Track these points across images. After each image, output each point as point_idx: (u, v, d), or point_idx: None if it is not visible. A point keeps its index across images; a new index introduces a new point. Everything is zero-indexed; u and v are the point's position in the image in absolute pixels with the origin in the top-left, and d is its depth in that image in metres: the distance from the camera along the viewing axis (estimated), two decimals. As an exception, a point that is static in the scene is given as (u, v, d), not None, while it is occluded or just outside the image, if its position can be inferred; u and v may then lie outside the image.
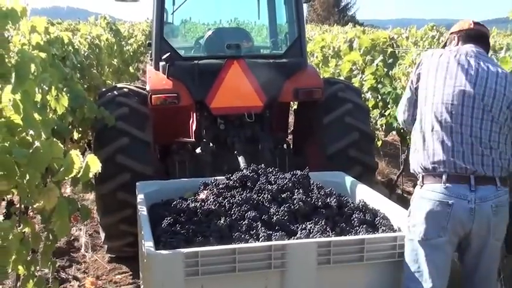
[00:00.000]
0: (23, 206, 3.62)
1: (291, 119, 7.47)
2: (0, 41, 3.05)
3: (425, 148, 3.47)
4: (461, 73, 3.47)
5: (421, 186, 3.48)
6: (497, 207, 3.38)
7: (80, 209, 4.00)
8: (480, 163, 3.36)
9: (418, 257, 3.43)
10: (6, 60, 3.13)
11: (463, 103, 3.41)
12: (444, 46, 3.93)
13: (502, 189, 3.42)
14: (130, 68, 16.57)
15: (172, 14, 7.16)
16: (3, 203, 4.17)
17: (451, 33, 3.87)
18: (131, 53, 18.83)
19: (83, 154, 5.61)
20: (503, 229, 3.52)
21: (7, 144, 2.97)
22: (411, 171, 3.67)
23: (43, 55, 4.00)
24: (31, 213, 4.33)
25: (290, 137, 7.21)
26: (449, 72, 3.50)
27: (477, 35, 3.74)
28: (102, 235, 5.78)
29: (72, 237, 6.51)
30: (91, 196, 7.11)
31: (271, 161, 5.73)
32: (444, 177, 3.36)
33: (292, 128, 7.21)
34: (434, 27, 18.61)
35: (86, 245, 6.33)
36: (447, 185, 3.35)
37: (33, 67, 3.27)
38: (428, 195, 3.41)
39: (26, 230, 3.45)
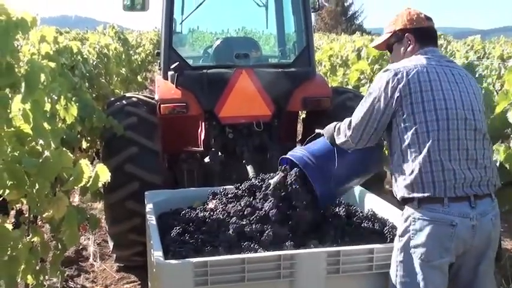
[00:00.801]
0: (32, 215, 3.64)
1: (299, 127, 7.46)
2: (10, 50, 3.06)
3: (424, 171, 3.22)
4: (447, 93, 3.28)
5: (418, 206, 3.25)
6: (495, 218, 3.31)
7: (89, 218, 4.02)
8: (478, 185, 3.23)
9: (418, 279, 3.25)
10: (16, 69, 3.15)
11: (457, 127, 3.23)
12: (389, 44, 3.68)
13: (495, 199, 3.35)
14: (138, 77, 16.61)
15: (181, 23, 7.18)
16: (12, 212, 4.19)
17: (401, 29, 3.55)
18: (139, 62, 18.88)
19: (91, 163, 5.61)
20: (497, 242, 3.41)
21: (17, 154, 2.98)
22: (398, 196, 3.39)
23: (52, 65, 4.02)
24: (40, 222, 4.35)
25: (298, 145, 7.20)
26: (435, 93, 3.26)
27: (433, 35, 3.57)
28: (111, 244, 5.77)
29: (81, 247, 6.51)
30: (99, 205, 7.11)
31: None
32: (445, 199, 3.18)
33: (300, 137, 7.20)
34: (442, 36, 18.63)
35: (94, 254, 6.33)
36: (449, 204, 3.18)
37: (42, 77, 3.29)
38: (428, 215, 3.22)
39: (35, 239, 3.46)
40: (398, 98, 3.29)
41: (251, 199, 4.18)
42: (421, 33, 3.51)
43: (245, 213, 4.01)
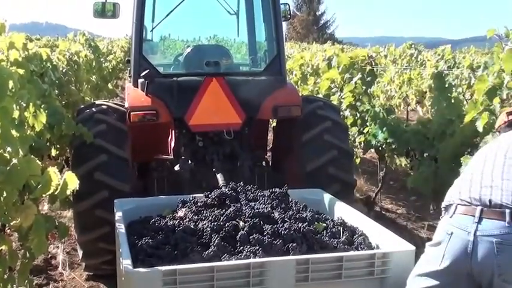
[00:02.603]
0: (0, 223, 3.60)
1: (270, 136, 7.48)
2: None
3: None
4: None
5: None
6: (501, 245, 2.97)
7: (58, 227, 3.99)
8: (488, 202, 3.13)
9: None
10: (-16, 76, 3.12)
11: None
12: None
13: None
14: (109, 84, 16.54)
15: (152, 31, 7.17)
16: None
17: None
18: (110, 70, 18.81)
19: (60, 171, 5.57)
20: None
21: (-16, 161, 2.96)
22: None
23: (21, 71, 3.99)
24: (8, 231, 4.30)
25: (269, 154, 7.22)
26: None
27: None
28: (80, 253, 5.73)
29: (50, 255, 6.44)
30: (69, 213, 7.06)
31: (250, 178, 5.73)
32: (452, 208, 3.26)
33: (271, 145, 7.22)
34: (413, 45, 18.83)
35: (63, 263, 6.26)
36: (453, 215, 3.18)
37: (11, 84, 3.26)
38: (440, 224, 3.31)
39: (3, 247, 3.43)
40: None
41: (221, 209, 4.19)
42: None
43: (215, 222, 4.01)
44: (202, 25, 8.64)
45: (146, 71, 5.71)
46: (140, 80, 5.77)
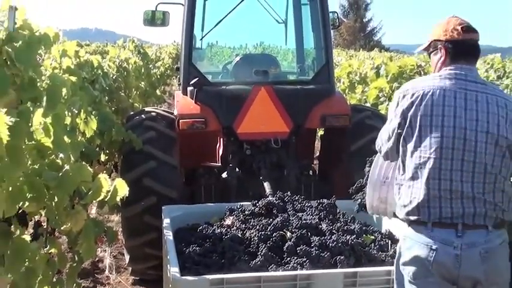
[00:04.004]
0: (50, 227, 3.65)
1: (317, 143, 7.45)
2: (33, 65, 3.09)
3: (414, 195, 3.14)
4: (459, 121, 3.09)
5: (408, 225, 3.21)
6: (488, 252, 3.02)
7: (106, 231, 4.02)
8: (470, 216, 3.05)
9: None
10: (38, 84, 3.18)
11: (453, 156, 3.07)
12: (428, 53, 3.42)
13: (494, 232, 3.07)
14: (157, 90, 16.68)
15: (201, 39, 7.23)
16: (31, 223, 4.20)
17: (436, 40, 3.30)
18: (158, 76, 18.96)
19: (109, 176, 5.63)
20: (503, 274, 3.14)
21: (37, 167, 3.00)
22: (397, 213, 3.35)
23: (73, 79, 4.05)
24: (57, 234, 4.36)
25: (316, 162, 7.19)
26: (445, 118, 3.09)
27: (469, 50, 3.24)
28: (127, 257, 5.79)
29: (97, 258, 6.51)
30: (117, 217, 7.13)
31: (297, 188, 5.72)
32: (429, 224, 3.09)
33: (318, 153, 7.19)
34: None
35: (110, 267, 6.33)
36: (432, 228, 3.07)
37: (64, 91, 3.32)
38: (414, 235, 3.14)
39: (53, 250, 3.47)
40: (402, 119, 3.20)
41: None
42: (453, 47, 3.22)
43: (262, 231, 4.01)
44: (249, 32, 8.68)
45: (195, 79, 5.75)
46: (189, 88, 5.81)
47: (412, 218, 3.13)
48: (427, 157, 3.09)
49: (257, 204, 4.44)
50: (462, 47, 3.21)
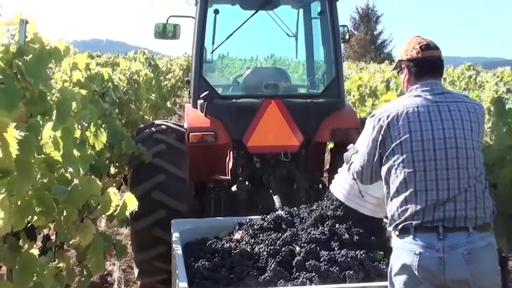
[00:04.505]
0: (58, 241, 3.65)
1: (327, 157, 7.42)
2: (43, 79, 3.10)
3: (397, 206, 3.25)
4: (437, 133, 3.23)
5: (396, 236, 3.28)
6: (471, 254, 3.08)
7: (116, 245, 4.02)
8: (450, 218, 3.15)
9: None
10: (48, 97, 3.19)
11: (436, 167, 3.19)
12: (397, 71, 3.59)
13: (476, 234, 3.14)
14: (168, 102, 16.71)
15: (212, 52, 7.23)
16: (39, 237, 4.20)
17: (400, 60, 3.50)
18: (169, 88, 19.00)
19: (118, 189, 5.64)
20: (491, 277, 3.19)
21: (46, 181, 3.00)
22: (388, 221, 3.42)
23: (84, 92, 4.06)
24: (66, 248, 4.36)
25: (325, 175, 7.17)
26: (424, 133, 3.23)
27: (430, 66, 3.40)
28: (136, 271, 5.77)
29: (106, 272, 6.50)
30: (126, 231, 7.12)
31: (307, 201, 5.69)
32: (412, 229, 3.17)
33: (327, 167, 7.17)
34: (471, 67, 18.45)
35: (119, 280, 6.32)
36: (415, 234, 3.15)
37: (74, 104, 3.32)
38: (401, 244, 3.22)
39: (61, 264, 3.47)
40: (381, 141, 3.31)
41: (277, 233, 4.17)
42: (414, 65, 3.40)
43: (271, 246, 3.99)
44: (260, 44, 8.68)
45: (206, 93, 5.76)
46: (199, 101, 5.81)
47: (399, 227, 3.22)
48: (411, 171, 3.19)
49: (266, 219, 4.43)
50: (423, 64, 3.38)
